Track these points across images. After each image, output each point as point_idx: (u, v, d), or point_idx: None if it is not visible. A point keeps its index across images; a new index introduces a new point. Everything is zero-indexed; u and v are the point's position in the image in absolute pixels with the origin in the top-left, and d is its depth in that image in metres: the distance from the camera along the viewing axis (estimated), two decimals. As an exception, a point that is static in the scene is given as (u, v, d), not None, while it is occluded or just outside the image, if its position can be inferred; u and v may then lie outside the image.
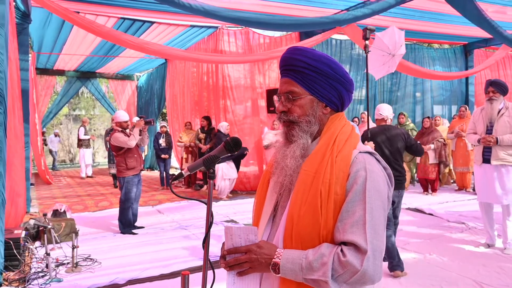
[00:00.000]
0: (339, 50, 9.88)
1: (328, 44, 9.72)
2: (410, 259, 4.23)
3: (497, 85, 4.47)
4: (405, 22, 8.95)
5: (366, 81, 4.70)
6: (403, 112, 8.73)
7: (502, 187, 4.35)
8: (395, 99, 10.65)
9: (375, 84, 10.39)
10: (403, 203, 6.93)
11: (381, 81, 10.51)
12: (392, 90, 10.69)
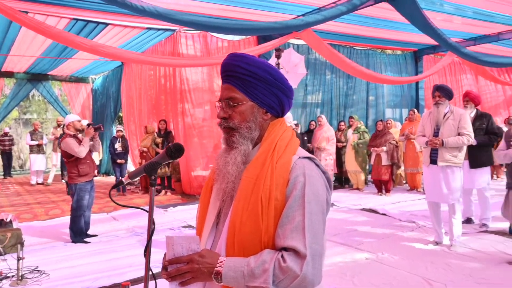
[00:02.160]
0: (296, 54, 10.02)
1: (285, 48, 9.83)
2: (363, 260, 4.35)
3: (443, 90, 4.70)
4: (359, 29, 9.24)
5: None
6: (352, 115, 8.99)
7: (448, 187, 4.56)
8: (351, 102, 10.94)
9: (331, 88, 10.64)
10: (357, 204, 7.19)
11: (337, 85, 10.77)
12: (347, 94, 10.97)
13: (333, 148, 8.58)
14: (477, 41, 10.05)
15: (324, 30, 9.08)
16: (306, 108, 10.38)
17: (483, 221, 5.47)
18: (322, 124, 8.64)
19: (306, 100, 10.36)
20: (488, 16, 8.25)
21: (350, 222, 6.00)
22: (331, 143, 8.53)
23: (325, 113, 10.56)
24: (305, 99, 10.33)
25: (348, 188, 9.02)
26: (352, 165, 8.63)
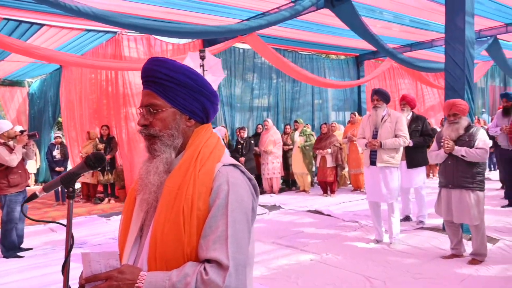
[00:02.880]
0: (242, 58, 10.07)
1: (232, 53, 9.85)
2: (308, 261, 4.40)
3: (380, 94, 4.89)
4: (304, 34, 9.45)
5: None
6: (296, 119, 9.17)
7: (387, 187, 4.74)
8: (297, 106, 11.14)
9: (277, 92, 10.78)
10: (304, 205, 7.30)
11: (283, 89, 10.93)
12: (294, 98, 11.17)
13: (279, 151, 8.68)
14: (413, 47, 10.63)
15: (269, 35, 9.20)
16: (253, 112, 10.43)
17: (420, 218, 5.74)
18: (269, 127, 8.71)
19: (253, 104, 10.41)
20: (423, 24, 8.75)
21: (296, 224, 6.08)
22: (277, 146, 8.62)
23: (272, 117, 10.67)
24: (252, 103, 10.39)
25: (295, 190, 9.15)
26: (299, 167, 8.77)
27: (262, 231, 5.65)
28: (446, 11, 5.13)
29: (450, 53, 5.07)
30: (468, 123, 4.20)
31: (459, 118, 4.15)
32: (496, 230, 5.19)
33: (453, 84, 5.00)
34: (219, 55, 9.44)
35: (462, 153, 4.02)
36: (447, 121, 4.27)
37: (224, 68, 9.68)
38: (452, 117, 4.17)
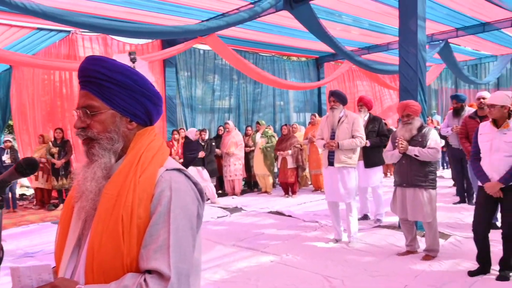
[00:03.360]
0: (203, 59, 9.98)
1: (192, 54, 9.75)
2: (268, 262, 4.40)
3: (337, 95, 4.97)
4: (265, 36, 9.49)
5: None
6: (258, 121, 9.20)
7: (344, 187, 4.82)
8: (258, 108, 11.17)
9: (239, 94, 10.76)
10: (265, 207, 7.32)
11: (245, 90, 10.93)
12: (255, 99, 11.19)
13: (241, 152, 8.66)
14: (370, 50, 10.93)
15: (230, 36, 9.18)
16: (214, 114, 10.37)
17: (377, 217, 5.89)
18: (230, 129, 8.67)
19: (215, 106, 10.35)
20: (380, 28, 9.02)
21: (257, 225, 6.07)
22: (239, 148, 8.60)
23: (233, 118, 10.65)
24: (213, 105, 10.32)
25: (257, 191, 9.16)
26: (261, 169, 8.79)
27: (223, 233, 5.61)
28: (399, 15, 5.29)
29: (404, 56, 5.23)
30: (421, 123, 4.35)
31: (412, 118, 4.29)
32: (448, 226, 5.40)
33: (407, 86, 5.16)
34: (179, 56, 9.34)
35: (415, 152, 4.15)
36: (401, 122, 4.40)
37: (184, 70, 9.60)
38: (405, 118, 4.30)
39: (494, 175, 3.56)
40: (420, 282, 3.66)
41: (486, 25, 9.00)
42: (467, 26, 9.19)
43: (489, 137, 3.62)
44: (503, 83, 13.53)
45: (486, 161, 3.63)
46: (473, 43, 11.49)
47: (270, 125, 9.94)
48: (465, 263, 4.04)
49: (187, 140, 7.88)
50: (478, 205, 3.75)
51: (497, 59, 12.76)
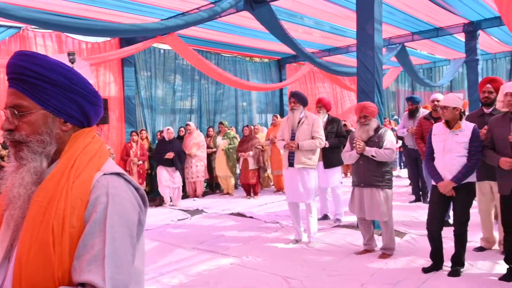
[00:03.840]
0: (163, 59, 9.79)
1: (152, 53, 9.53)
2: (228, 265, 4.35)
3: (297, 96, 5.00)
4: (227, 36, 9.43)
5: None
6: (222, 121, 9.13)
7: (304, 187, 4.85)
8: (220, 108, 11.08)
9: (200, 94, 10.63)
10: (227, 208, 7.27)
11: (207, 91, 10.81)
12: (217, 100, 11.10)
13: (203, 154, 8.55)
14: (331, 52, 11.11)
15: (192, 36, 9.05)
16: (175, 115, 10.18)
17: (337, 217, 5.97)
18: (192, 130, 8.55)
19: (176, 106, 10.17)
20: (341, 31, 9.18)
21: (218, 228, 6.01)
22: (201, 149, 8.49)
23: (195, 119, 10.52)
24: (175, 105, 10.14)
25: (219, 193, 9.08)
26: (223, 170, 8.72)
27: (183, 237, 5.51)
28: (357, 19, 5.39)
29: (362, 58, 5.32)
30: (378, 124, 4.44)
31: (369, 120, 4.37)
32: (404, 224, 5.55)
33: (364, 88, 5.26)
34: (138, 56, 9.12)
35: (372, 153, 4.23)
36: (358, 123, 4.47)
37: (144, 69, 9.37)
38: (363, 119, 4.38)
39: (447, 175, 3.68)
40: (377, 280, 3.73)
41: (440, 30, 9.36)
42: (422, 30, 9.52)
43: (442, 138, 3.74)
44: (455, 86, 14.14)
45: (440, 161, 3.75)
46: (428, 47, 11.94)
47: (232, 126, 9.89)
48: (419, 260, 4.15)
49: (160, 139, 7.89)
50: (431, 204, 3.86)
51: (450, 63, 13.32)
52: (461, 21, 8.95)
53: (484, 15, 8.56)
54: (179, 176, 7.85)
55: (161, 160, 7.71)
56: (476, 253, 4.30)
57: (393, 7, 7.87)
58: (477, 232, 4.56)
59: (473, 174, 3.68)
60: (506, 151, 3.46)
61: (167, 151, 7.67)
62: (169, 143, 7.79)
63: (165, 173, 7.75)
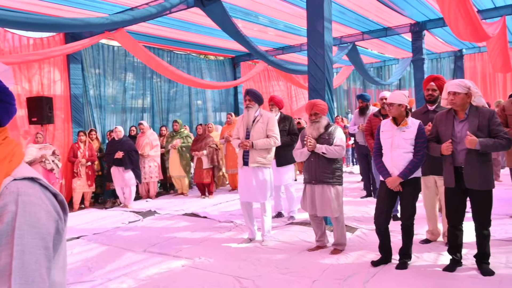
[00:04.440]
0: (112, 56, 9.44)
1: (101, 50, 9.16)
2: (179, 267, 4.24)
3: (252, 94, 4.95)
4: (180, 33, 9.25)
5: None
6: (176, 120, 8.95)
7: (259, 187, 4.82)
8: (174, 107, 10.86)
9: (153, 93, 10.37)
10: (180, 209, 7.12)
11: (160, 89, 10.55)
12: (172, 98, 10.87)
13: (157, 153, 8.33)
14: (285, 51, 11.19)
15: (143, 33, 8.80)
16: (127, 114, 9.85)
17: (291, 214, 6.00)
18: (145, 130, 8.31)
19: (127, 105, 9.84)
20: (296, 29, 9.26)
21: (170, 229, 5.86)
22: (155, 148, 8.27)
23: (149, 118, 10.24)
24: (126, 104, 9.81)
25: (173, 193, 8.89)
26: (176, 170, 8.54)
27: (134, 239, 5.32)
28: (307, 17, 5.42)
29: (312, 56, 5.36)
30: (328, 122, 4.48)
31: (320, 117, 4.40)
32: (355, 220, 5.67)
33: (315, 85, 5.30)
34: (86, 52, 8.73)
35: (323, 150, 4.26)
36: (309, 120, 4.49)
37: (92, 67, 8.99)
38: (313, 117, 4.40)
39: (394, 170, 3.77)
40: (328, 276, 3.76)
41: (388, 29, 9.67)
42: (372, 30, 9.79)
43: (390, 134, 3.82)
44: (404, 84, 14.68)
45: (387, 157, 3.83)
46: (379, 47, 12.31)
47: (186, 125, 9.70)
48: (369, 254, 4.24)
49: (110, 139, 7.75)
50: (379, 199, 3.95)
51: (398, 62, 13.82)
52: (408, 21, 9.28)
53: (429, 16, 8.92)
54: (131, 176, 7.61)
55: (112, 160, 7.49)
56: (422, 246, 4.45)
57: (344, 7, 8.03)
58: (423, 225, 4.73)
59: (419, 169, 3.79)
60: (450, 147, 3.58)
61: (117, 151, 7.43)
62: (118, 142, 7.54)
63: (116, 174, 7.51)
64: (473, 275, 3.55)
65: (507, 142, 3.39)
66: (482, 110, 3.55)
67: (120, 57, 9.66)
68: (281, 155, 5.79)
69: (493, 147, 3.39)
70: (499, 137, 3.40)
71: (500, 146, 3.40)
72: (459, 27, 6.39)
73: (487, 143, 3.37)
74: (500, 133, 3.42)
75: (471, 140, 3.37)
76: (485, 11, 8.30)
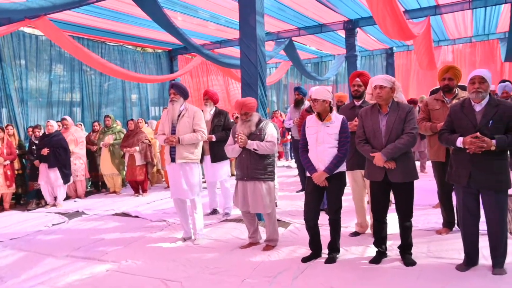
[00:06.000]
0: (36, 46, 8.77)
1: (22, 39, 8.47)
2: (103, 272, 3.99)
3: (177, 87, 4.77)
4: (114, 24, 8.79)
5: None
6: (109, 114, 8.52)
7: (188, 183, 4.67)
8: (106, 101, 10.34)
9: (83, 86, 9.80)
10: (111, 209, 6.78)
11: (91, 82, 10.00)
12: (105, 92, 10.34)
13: (82, 151, 7.85)
14: (222, 45, 11.05)
15: (72, 22, 8.26)
16: (54, 108, 9.22)
17: (226, 210, 5.91)
18: (68, 125, 7.80)
19: (53, 99, 9.21)
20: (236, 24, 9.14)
21: (98, 230, 5.53)
22: (80, 145, 7.79)
23: (79, 113, 9.68)
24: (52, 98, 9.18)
25: (105, 192, 8.46)
26: (108, 168, 8.13)
27: (56, 243, 4.96)
28: (239, 11, 5.31)
29: (245, 51, 5.27)
30: (259, 118, 4.40)
31: (250, 115, 4.30)
32: (289, 214, 5.69)
33: (248, 80, 5.23)
34: (3, 42, 8.03)
35: (254, 147, 4.19)
36: (240, 119, 4.37)
37: (11, 57, 8.29)
38: (244, 116, 4.29)
39: (320, 166, 3.79)
40: (258, 273, 3.71)
41: (323, 26, 9.85)
42: (307, 26, 9.93)
43: (315, 130, 3.84)
44: (340, 80, 15.12)
45: (313, 152, 3.85)
46: (316, 43, 12.54)
47: (118, 121, 9.25)
48: (301, 249, 4.24)
49: (42, 134, 7.33)
50: (307, 195, 3.96)
51: (334, 58, 14.19)
52: (342, 18, 9.52)
53: (361, 14, 9.20)
54: (57, 176, 7.13)
55: (39, 157, 7.08)
56: (351, 238, 4.54)
57: (282, 3, 8.08)
58: (353, 218, 4.83)
59: (343, 164, 3.85)
60: (375, 141, 3.66)
61: (44, 147, 6.99)
62: (48, 138, 7.09)
63: (44, 171, 7.05)
64: (396, 266, 3.66)
65: (410, 139, 3.51)
66: (402, 105, 3.67)
67: (46, 47, 9.01)
68: (216, 151, 5.68)
69: (403, 148, 3.51)
70: (404, 134, 3.52)
71: (406, 145, 3.51)
72: (387, 25, 6.63)
73: (399, 147, 3.49)
74: (407, 128, 3.53)
75: (378, 159, 3.52)
76: (411, 11, 8.69)
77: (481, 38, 12.36)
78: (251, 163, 4.26)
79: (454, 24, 10.80)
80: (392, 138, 3.57)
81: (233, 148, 4.39)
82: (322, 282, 3.42)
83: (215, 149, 5.70)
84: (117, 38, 10.17)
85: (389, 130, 3.59)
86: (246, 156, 4.28)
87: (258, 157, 4.25)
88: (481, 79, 3.30)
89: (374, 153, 3.59)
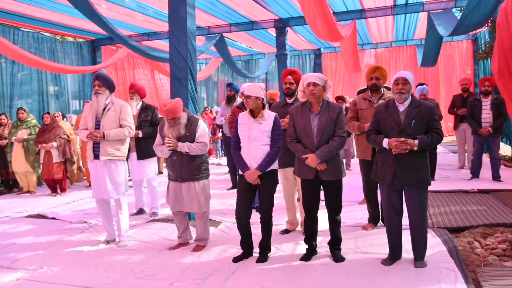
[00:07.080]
0: None
1: None
2: (13, 281, 3.58)
3: (102, 79, 4.42)
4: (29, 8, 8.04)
5: None
6: (23, 107, 7.77)
7: (112, 181, 4.37)
8: (20, 93, 9.43)
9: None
10: (24, 210, 6.18)
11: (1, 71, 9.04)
12: (16, 82, 9.40)
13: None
14: (151, 37, 10.62)
15: None
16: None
17: (153, 210, 5.65)
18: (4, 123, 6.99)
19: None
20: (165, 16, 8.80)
21: (8, 235, 4.99)
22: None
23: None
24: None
25: (18, 192, 7.71)
26: (22, 166, 7.42)
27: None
28: (169, 1, 5.08)
29: (175, 44, 5.06)
30: (188, 117, 4.16)
31: (178, 119, 4.08)
32: (220, 213, 5.57)
33: (178, 74, 5.02)
34: None
35: (185, 149, 4.00)
36: (167, 123, 4.13)
37: None
38: (171, 121, 4.06)
39: (252, 163, 3.73)
40: (187, 276, 3.55)
41: (254, 23, 9.87)
42: (239, 22, 9.87)
43: (248, 127, 3.76)
44: (270, 78, 15.31)
45: (246, 150, 3.77)
46: (247, 41, 12.55)
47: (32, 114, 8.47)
48: (231, 249, 4.14)
49: None
50: (239, 193, 3.87)
51: (265, 56, 14.32)
52: (273, 17, 9.59)
53: (292, 14, 9.34)
54: None
55: None
56: (282, 236, 4.54)
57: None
58: (283, 215, 4.84)
59: (275, 162, 3.82)
60: (307, 140, 3.67)
61: None
62: None
63: None
64: (326, 263, 3.71)
65: (342, 142, 3.63)
66: (332, 104, 3.72)
67: None
68: (142, 147, 5.40)
69: (335, 151, 3.59)
70: (336, 136, 3.60)
71: (338, 148, 3.60)
72: (317, 26, 6.76)
73: (332, 151, 3.56)
74: (338, 131, 3.62)
75: (311, 160, 3.56)
76: (339, 13, 9.01)
77: (401, 44, 13.22)
78: (183, 166, 4.08)
79: (377, 29, 11.41)
80: (323, 138, 3.61)
81: (162, 150, 4.17)
82: (254, 283, 3.35)
83: (142, 145, 5.42)
84: (33, 24, 9.34)
85: (320, 130, 3.62)
86: (178, 158, 4.08)
87: (190, 158, 4.07)
88: (404, 81, 3.44)
89: (307, 155, 3.60)
